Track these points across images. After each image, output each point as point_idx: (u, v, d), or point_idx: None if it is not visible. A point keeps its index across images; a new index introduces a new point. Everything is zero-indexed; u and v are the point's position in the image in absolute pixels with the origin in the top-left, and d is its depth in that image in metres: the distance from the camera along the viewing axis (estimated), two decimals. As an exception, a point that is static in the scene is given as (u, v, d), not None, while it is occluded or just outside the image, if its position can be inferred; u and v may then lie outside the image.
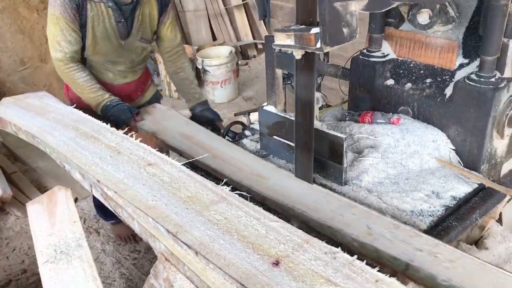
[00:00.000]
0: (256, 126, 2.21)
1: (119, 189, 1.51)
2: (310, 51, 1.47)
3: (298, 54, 1.51)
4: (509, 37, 1.79)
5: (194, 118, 2.53)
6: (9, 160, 4.11)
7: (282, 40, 1.50)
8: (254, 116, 2.65)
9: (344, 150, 1.73)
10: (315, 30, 1.39)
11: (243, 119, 2.80)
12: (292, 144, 1.89)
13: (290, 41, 1.48)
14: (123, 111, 2.27)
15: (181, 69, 2.59)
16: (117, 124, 2.20)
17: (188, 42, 6.08)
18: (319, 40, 1.39)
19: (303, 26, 1.44)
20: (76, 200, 2.21)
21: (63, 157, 1.75)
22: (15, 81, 5.30)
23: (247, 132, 2.30)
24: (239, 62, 5.89)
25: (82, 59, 2.33)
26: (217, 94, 5.27)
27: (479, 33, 1.89)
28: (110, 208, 1.67)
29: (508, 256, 1.82)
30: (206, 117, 2.51)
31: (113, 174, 1.59)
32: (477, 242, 1.90)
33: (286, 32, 1.47)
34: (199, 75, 5.39)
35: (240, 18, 6.39)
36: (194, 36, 6.16)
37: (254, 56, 6.47)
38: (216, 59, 5.14)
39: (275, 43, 1.52)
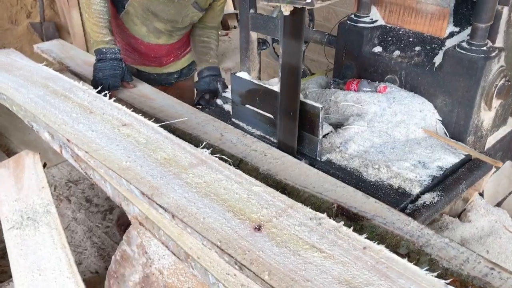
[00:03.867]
0: (229, 94, 2.08)
1: (90, 149, 1.40)
2: (299, 7, 1.38)
3: (286, 10, 1.42)
4: (503, 3, 1.73)
5: (198, 83, 2.32)
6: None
7: (270, -6, 1.41)
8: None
9: (320, 120, 1.63)
10: (306, -18, 1.30)
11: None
12: (266, 114, 1.81)
13: (279, -5, 1.39)
14: (113, 75, 2.01)
15: (207, 36, 2.41)
16: (101, 84, 1.98)
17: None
18: (310, -6, 1.30)
19: (293, -21, 1.35)
20: (45, 165, 2.09)
21: (30, 115, 1.63)
22: (-17, 43, 5.06)
23: (218, 101, 2.19)
24: (219, 33, 5.74)
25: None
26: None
27: (472, -1, 1.83)
28: (81, 170, 1.57)
29: (491, 229, 1.80)
30: (208, 86, 2.28)
31: (84, 133, 1.48)
32: (460, 215, 1.87)
33: (274, -15, 1.38)
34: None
35: (221, -14, 6.21)
36: (172, 4, 5.97)
37: (235, 27, 6.32)
38: (196, 27, 4.98)
39: (262, -3, 1.43)
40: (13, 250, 1.71)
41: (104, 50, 2.03)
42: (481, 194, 1.97)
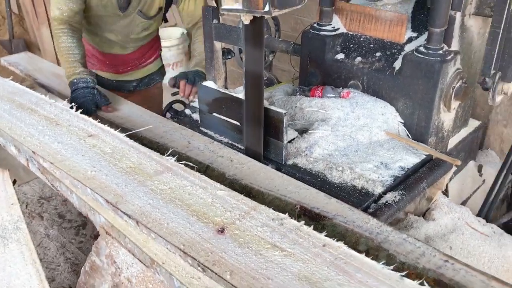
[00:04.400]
0: (197, 104, 2.09)
1: (55, 160, 1.41)
2: (258, 15, 1.42)
3: (246, 19, 1.46)
4: (456, 9, 1.81)
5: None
6: None
7: (230, 4, 1.45)
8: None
9: (284, 126, 1.67)
10: (262, -8, 1.35)
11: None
12: (233, 122, 1.85)
13: (238, 5, 1.43)
14: (86, 102, 2.05)
15: (193, 40, 2.48)
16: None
17: (138, 23, 5.91)
18: (268, 3, 1.35)
19: (250, -11, 1.39)
20: (14, 182, 2.08)
21: (-5, 129, 1.64)
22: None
23: (187, 111, 2.21)
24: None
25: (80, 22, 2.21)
26: (168, 77, 5.14)
27: (428, 5, 1.90)
28: (48, 183, 1.57)
29: (454, 226, 1.85)
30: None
31: (50, 145, 1.49)
32: (425, 214, 1.92)
33: (233, -5, 1.42)
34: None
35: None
36: (144, 18, 5.99)
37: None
38: (167, 40, 5.00)
39: (222, 7, 1.47)
40: (-19, 268, 1.69)
41: (76, 81, 2.07)
42: (446, 194, 2.03)
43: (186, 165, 1.42)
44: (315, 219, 1.33)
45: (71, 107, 1.72)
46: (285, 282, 1.02)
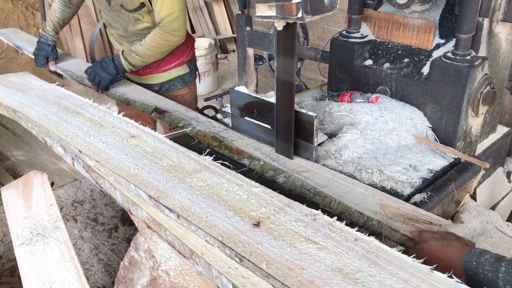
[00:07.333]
0: (228, 109, 2.17)
1: (101, 158, 1.50)
2: (291, 22, 1.49)
3: (279, 25, 1.53)
4: (483, 15, 1.84)
5: None
6: (-16, 149, 4.05)
7: (264, 11, 1.52)
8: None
9: (315, 128, 1.72)
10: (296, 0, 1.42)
11: (216, 103, 2.78)
12: (264, 125, 1.91)
13: (272, 12, 1.50)
14: (38, 55, 2.64)
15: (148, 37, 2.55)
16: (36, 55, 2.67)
17: (167, 34, 6.05)
18: (301, 10, 1.42)
19: (284, -3, 1.46)
20: (52, 184, 2.19)
21: (44, 130, 1.74)
22: (-10, 71, 5.22)
23: (219, 116, 2.29)
24: (218, 56, 5.89)
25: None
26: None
27: (455, 12, 1.95)
28: (92, 180, 1.66)
29: (482, 229, 1.87)
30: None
31: (95, 145, 1.59)
32: (453, 217, 1.95)
33: (267, 2, 1.49)
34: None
35: (219, 12, 6.40)
36: (173, 29, 6.14)
37: (234, 50, 6.48)
38: (195, 50, 5.12)
39: (256, 14, 1.54)
40: (23, 264, 1.77)
41: (40, 34, 2.65)
42: (474, 199, 2.05)
43: (222, 164, 1.49)
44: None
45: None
46: (319, 272, 1.07)
